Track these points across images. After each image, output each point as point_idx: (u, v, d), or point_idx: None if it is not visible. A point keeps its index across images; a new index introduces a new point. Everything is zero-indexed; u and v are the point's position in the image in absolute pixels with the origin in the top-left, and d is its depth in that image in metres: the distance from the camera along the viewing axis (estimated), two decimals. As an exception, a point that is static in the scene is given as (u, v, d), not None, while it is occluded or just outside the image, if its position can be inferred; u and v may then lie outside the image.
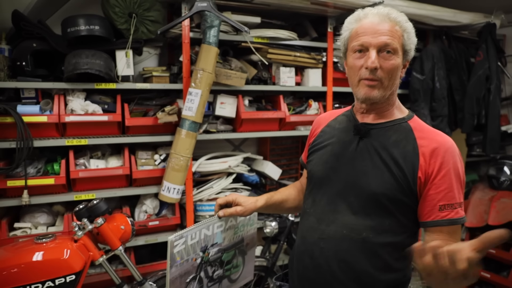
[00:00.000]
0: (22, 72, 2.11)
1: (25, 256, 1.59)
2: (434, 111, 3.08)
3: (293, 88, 2.70)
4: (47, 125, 2.13)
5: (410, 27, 1.13)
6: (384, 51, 1.08)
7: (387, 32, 1.08)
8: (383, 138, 1.15)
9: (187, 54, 2.30)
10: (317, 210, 1.21)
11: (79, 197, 2.19)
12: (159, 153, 2.43)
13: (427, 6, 2.75)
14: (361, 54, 1.11)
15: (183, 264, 1.25)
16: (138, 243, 2.33)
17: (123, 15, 2.22)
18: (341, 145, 1.21)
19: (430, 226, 1.09)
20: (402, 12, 1.15)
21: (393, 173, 1.09)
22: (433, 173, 1.07)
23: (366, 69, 1.09)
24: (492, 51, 3.08)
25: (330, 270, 1.14)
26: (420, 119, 1.21)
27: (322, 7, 2.54)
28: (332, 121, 1.32)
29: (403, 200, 1.10)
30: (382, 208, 1.11)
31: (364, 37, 1.09)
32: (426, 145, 1.10)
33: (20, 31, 2.15)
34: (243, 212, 1.32)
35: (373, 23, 1.10)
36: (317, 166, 1.25)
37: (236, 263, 1.46)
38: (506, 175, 3.19)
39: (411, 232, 1.15)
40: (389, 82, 1.11)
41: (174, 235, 1.21)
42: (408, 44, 1.13)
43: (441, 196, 1.06)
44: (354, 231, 1.12)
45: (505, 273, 2.91)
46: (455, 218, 1.06)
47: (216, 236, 1.34)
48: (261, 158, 2.86)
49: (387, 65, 1.09)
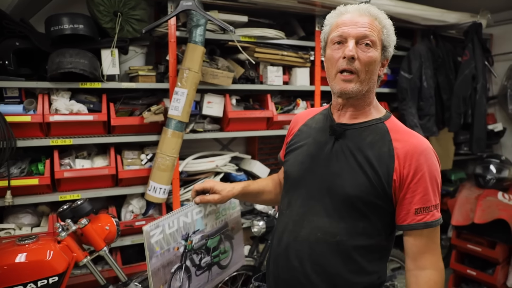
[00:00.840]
0: (5, 71, 2.08)
1: (6, 258, 1.57)
2: (422, 110, 3.10)
3: (281, 87, 2.70)
4: (31, 125, 2.11)
5: (389, 24, 1.14)
6: (362, 43, 1.09)
7: (366, 25, 1.09)
8: (358, 139, 1.14)
9: (173, 53, 2.29)
10: (292, 211, 1.21)
11: (64, 197, 2.17)
12: (145, 152, 2.42)
13: (414, 6, 2.77)
14: (340, 45, 1.11)
15: (163, 254, 1.23)
16: (125, 243, 2.32)
17: (108, 13, 2.20)
18: (317, 146, 1.20)
19: (406, 229, 1.10)
20: (383, 11, 1.15)
21: (367, 176, 1.09)
22: (408, 177, 1.07)
23: (343, 58, 1.08)
24: (478, 51, 3.10)
25: (304, 272, 1.14)
26: (404, 122, 1.21)
27: (310, 6, 2.55)
28: (309, 120, 1.31)
29: (378, 203, 1.10)
30: (357, 211, 1.11)
31: (343, 27, 1.10)
32: (401, 147, 1.09)
33: (2, 30, 2.12)
34: (220, 200, 1.33)
35: (353, 16, 1.11)
36: (293, 166, 1.24)
37: (223, 249, 1.44)
38: (492, 173, 3.23)
39: (385, 234, 1.15)
40: (366, 75, 1.10)
41: (149, 224, 1.19)
42: (387, 41, 1.13)
43: (416, 200, 1.07)
44: (328, 234, 1.12)
45: (490, 270, 2.94)
46: (430, 221, 1.07)
47: (197, 222, 1.32)
48: (249, 158, 2.86)
49: (364, 57, 1.09)
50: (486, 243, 2.94)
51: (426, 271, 1.08)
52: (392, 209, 1.12)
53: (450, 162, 3.58)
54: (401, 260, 2.69)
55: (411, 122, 3.02)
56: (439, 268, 1.09)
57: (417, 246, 1.09)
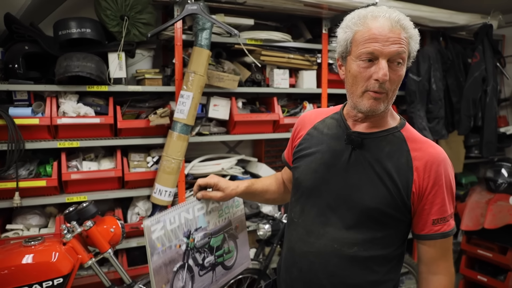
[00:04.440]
0: (14, 74, 2.12)
1: (12, 259, 1.59)
2: (431, 113, 3.06)
3: (287, 90, 2.69)
4: (39, 127, 2.14)
5: (416, 34, 1.05)
6: (394, 62, 1.01)
7: (399, 40, 0.99)
8: (376, 149, 1.10)
9: (179, 57, 2.30)
10: (306, 221, 1.18)
11: (71, 199, 2.20)
12: (152, 155, 2.43)
13: (422, 7, 2.74)
14: (370, 63, 1.01)
15: (165, 251, 1.19)
16: (131, 245, 2.34)
17: (114, 17, 2.22)
18: (332, 154, 1.15)
19: (423, 239, 1.10)
20: (408, 17, 1.07)
21: (387, 187, 1.07)
22: (428, 188, 1.06)
23: (375, 80, 1.00)
24: (489, 53, 3.05)
25: (320, 284, 1.13)
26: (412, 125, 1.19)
27: (317, 9, 2.53)
28: (319, 124, 1.24)
29: (396, 215, 1.09)
30: (375, 223, 1.09)
31: (374, 44, 0.99)
32: (420, 158, 1.07)
33: (12, 34, 2.16)
34: (223, 198, 1.30)
35: (384, 29, 0.99)
36: (306, 174, 1.19)
37: (228, 249, 1.41)
38: (504, 177, 3.16)
39: (401, 242, 1.15)
40: (393, 93, 1.06)
41: (150, 219, 1.17)
42: (413, 51, 1.06)
43: (434, 211, 1.07)
44: (345, 246, 1.10)
45: (502, 277, 2.88)
46: (447, 231, 1.09)
47: (199, 219, 1.29)
48: (255, 160, 2.86)
49: (395, 77, 1.02)
50: (497, 248, 2.88)
51: (438, 276, 1.10)
52: (409, 219, 1.12)
53: (460, 165, 3.52)
54: (409, 265, 2.65)
55: (420, 125, 2.98)
56: (449, 274, 1.12)
57: (431, 253, 1.10)
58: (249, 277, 2.42)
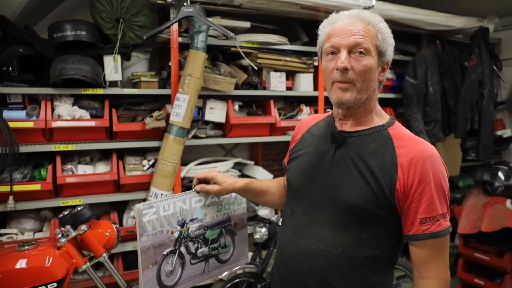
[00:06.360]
0: (8, 77, 2.11)
1: (5, 264, 1.58)
2: (428, 116, 3.06)
3: (284, 93, 2.68)
4: (33, 131, 2.13)
5: (384, 27, 1.10)
6: (355, 52, 1.05)
7: (359, 32, 1.05)
8: (360, 147, 1.10)
9: (175, 59, 2.29)
10: (294, 221, 1.19)
11: (66, 202, 2.18)
12: (147, 158, 2.42)
13: (419, 10, 2.74)
14: (333, 56, 1.08)
15: (155, 234, 1.24)
16: (127, 249, 2.32)
17: (110, 20, 2.21)
18: (318, 154, 1.17)
19: (411, 239, 1.07)
20: (387, 16, 1.12)
21: (369, 185, 1.05)
22: (413, 186, 1.03)
23: (337, 70, 1.06)
24: (485, 56, 3.06)
25: (306, 284, 1.12)
26: (409, 128, 1.18)
27: (313, 12, 2.54)
28: (312, 127, 1.28)
29: (381, 213, 1.06)
30: (359, 221, 1.07)
31: (334, 38, 1.07)
32: (405, 154, 1.05)
33: (6, 37, 2.14)
34: (219, 191, 1.31)
35: (345, 24, 1.07)
36: (295, 175, 1.22)
37: (224, 243, 1.43)
38: (500, 180, 3.16)
39: (391, 244, 1.11)
40: (363, 84, 1.07)
41: (142, 203, 1.22)
42: (383, 45, 1.09)
43: (421, 209, 1.03)
44: (330, 245, 1.09)
45: (498, 280, 2.88)
46: (436, 231, 1.03)
47: (195, 211, 1.33)
48: (252, 163, 2.85)
49: (358, 66, 1.05)
50: (494, 252, 2.87)
51: (427, 281, 1.05)
52: (397, 218, 1.08)
53: (457, 168, 3.53)
54: (406, 268, 2.64)
55: (417, 128, 2.98)
56: (442, 279, 1.06)
57: (421, 255, 1.06)
58: (246, 281, 2.41)
